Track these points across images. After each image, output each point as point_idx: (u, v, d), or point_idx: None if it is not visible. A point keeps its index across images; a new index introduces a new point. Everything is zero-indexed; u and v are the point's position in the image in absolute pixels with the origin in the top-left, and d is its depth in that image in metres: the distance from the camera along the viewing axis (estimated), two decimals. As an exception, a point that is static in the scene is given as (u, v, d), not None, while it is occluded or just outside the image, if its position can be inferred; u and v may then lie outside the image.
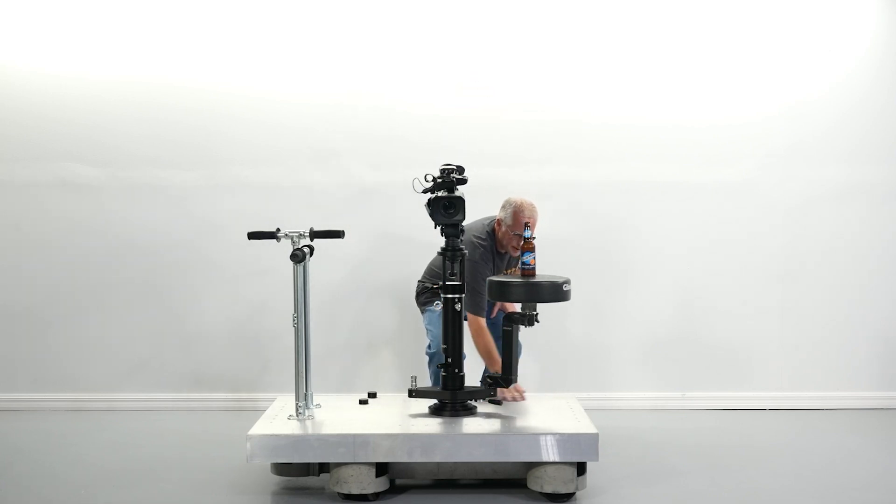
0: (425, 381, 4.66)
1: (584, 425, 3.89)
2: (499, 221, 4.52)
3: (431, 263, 4.74)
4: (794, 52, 5.49)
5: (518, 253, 4.31)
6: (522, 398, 4.33)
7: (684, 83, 5.50)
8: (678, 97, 5.49)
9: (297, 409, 4.04)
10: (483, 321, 4.45)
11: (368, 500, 3.79)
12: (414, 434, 3.79)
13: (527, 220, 4.32)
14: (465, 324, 4.25)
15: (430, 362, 4.66)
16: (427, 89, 5.47)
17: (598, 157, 5.49)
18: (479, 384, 4.34)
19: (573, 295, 4.17)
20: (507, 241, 4.50)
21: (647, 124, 5.49)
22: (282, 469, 3.94)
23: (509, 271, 4.63)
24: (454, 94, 5.47)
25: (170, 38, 5.47)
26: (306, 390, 4.07)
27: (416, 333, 4.89)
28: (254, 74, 5.47)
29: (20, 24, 5.46)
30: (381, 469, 3.80)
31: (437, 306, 4.15)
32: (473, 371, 4.82)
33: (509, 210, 4.47)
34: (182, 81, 5.47)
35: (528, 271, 4.20)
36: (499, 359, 4.32)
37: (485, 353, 4.44)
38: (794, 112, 5.50)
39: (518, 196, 4.52)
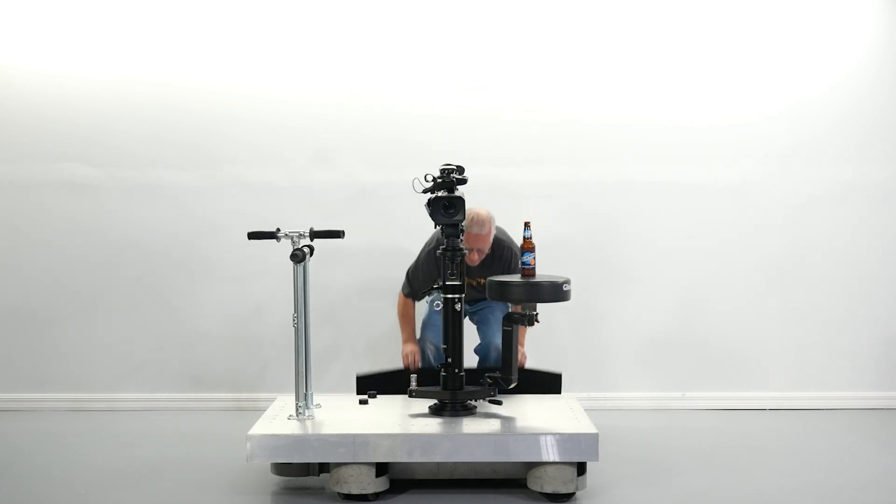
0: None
1: (584, 425, 3.89)
2: None
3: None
4: (794, 53, 5.49)
5: (475, 262, 4.46)
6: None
7: (684, 83, 5.50)
8: (678, 97, 5.49)
9: (297, 409, 4.04)
10: (409, 301, 4.71)
11: (368, 500, 3.79)
12: (414, 434, 3.79)
13: (474, 233, 4.36)
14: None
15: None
16: (427, 89, 5.47)
17: (598, 157, 5.49)
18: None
19: (573, 295, 4.18)
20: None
21: (647, 124, 5.49)
22: (282, 469, 3.94)
23: (473, 281, 4.63)
24: (454, 94, 5.47)
25: (170, 38, 5.47)
26: (306, 390, 4.07)
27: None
28: (254, 74, 5.47)
29: (20, 24, 5.46)
30: (381, 469, 3.80)
31: (438, 306, 4.15)
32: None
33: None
34: (182, 81, 5.47)
35: (528, 271, 4.20)
36: (409, 325, 4.65)
37: (401, 316, 4.73)
38: (794, 112, 5.50)
39: (476, 208, 4.41)
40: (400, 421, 3.98)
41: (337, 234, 4.14)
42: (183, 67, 5.47)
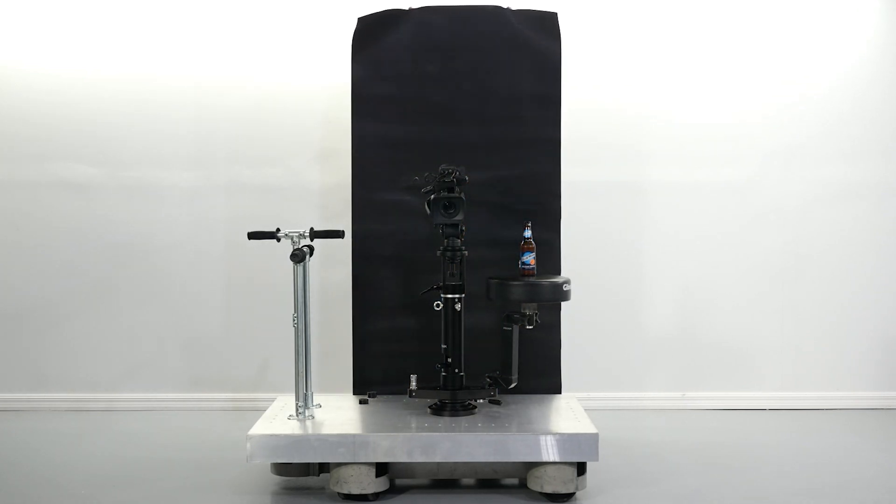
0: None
1: (584, 425, 3.89)
2: None
3: None
4: (793, 53, 5.49)
5: None
6: None
7: (684, 83, 5.50)
8: (678, 97, 5.49)
9: (297, 409, 4.04)
10: None
11: (368, 500, 3.79)
12: (414, 434, 3.79)
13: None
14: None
15: None
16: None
17: (597, 157, 5.49)
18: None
19: (573, 295, 4.18)
20: None
21: (647, 124, 5.49)
22: (282, 469, 3.94)
23: None
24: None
25: (170, 37, 5.47)
26: (306, 390, 4.07)
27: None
28: (254, 74, 5.47)
29: (20, 24, 5.46)
30: (381, 469, 3.80)
31: (438, 306, 4.15)
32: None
33: None
34: (182, 81, 5.47)
35: (528, 271, 4.20)
36: None
37: None
38: (794, 112, 5.50)
39: None
40: (400, 421, 3.98)
41: (337, 234, 4.14)
42: (182, 67, 5.47)
